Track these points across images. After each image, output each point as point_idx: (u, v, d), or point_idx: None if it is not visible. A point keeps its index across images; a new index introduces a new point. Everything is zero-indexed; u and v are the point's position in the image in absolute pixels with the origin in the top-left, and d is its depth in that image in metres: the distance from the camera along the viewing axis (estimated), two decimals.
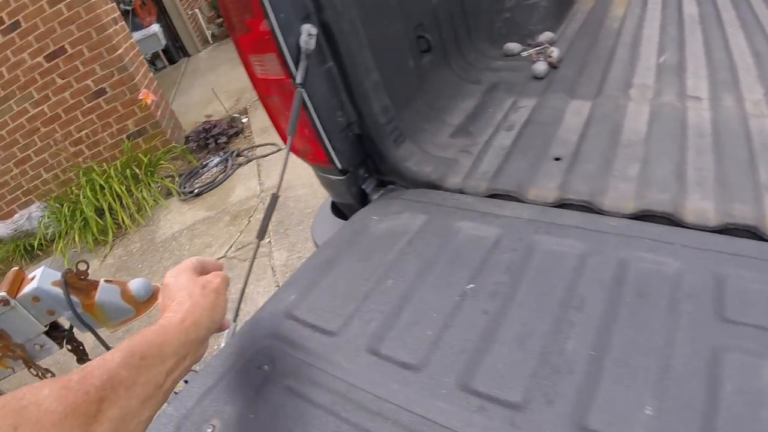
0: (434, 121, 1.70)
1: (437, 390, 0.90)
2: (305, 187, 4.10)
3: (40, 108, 4.98)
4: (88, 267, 1.38)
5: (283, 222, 3.82)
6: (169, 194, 4.90)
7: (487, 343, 0.96)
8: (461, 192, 1.42)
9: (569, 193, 1.30)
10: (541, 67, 1.92)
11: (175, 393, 1.02)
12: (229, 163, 4.96)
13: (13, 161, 5.14)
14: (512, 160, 1.48)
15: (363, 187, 1.52)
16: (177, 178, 5.00)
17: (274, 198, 1.16)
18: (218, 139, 5.28)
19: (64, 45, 4.80)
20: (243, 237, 3.91)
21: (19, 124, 5.00)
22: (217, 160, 5.07)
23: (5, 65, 4.75)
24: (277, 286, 3.21)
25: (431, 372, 0.93)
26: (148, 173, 4.87)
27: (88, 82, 4.99)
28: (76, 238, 4.54)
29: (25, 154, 5.13)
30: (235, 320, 1.11)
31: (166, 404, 0.92)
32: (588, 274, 1.05)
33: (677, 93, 1.67)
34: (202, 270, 0.99)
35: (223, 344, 1.09)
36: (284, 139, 1.50)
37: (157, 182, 4.89)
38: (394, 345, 1.00)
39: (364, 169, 1.51)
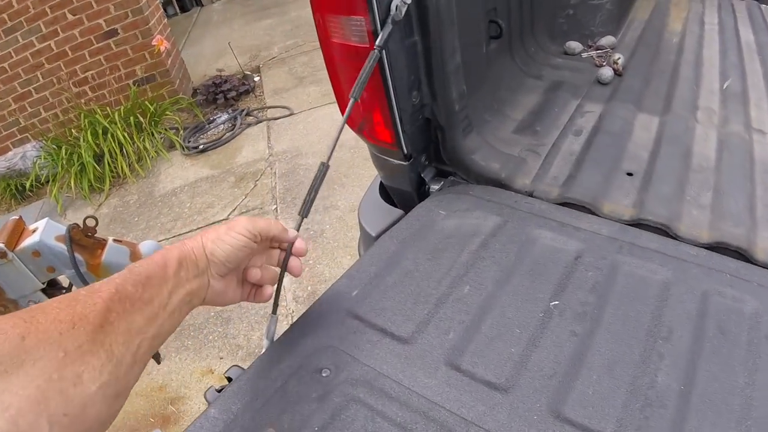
0: (496, 114, 1.61)
1: (529, 416, 0.83)
2: (316, 156, 4.01)
3: (47, 43, 4.79)
4: (96, 223, 1.28)
5: (291, 190, 3.72)
6: (171, 147, 4.76)
7: (577, 368, 0.90)
8: (531, 195, 1.35)
9: (647, 214, 1.25)
10: (607, 72, 1.84)
11: (217, 391, 0.93)
12: (238, 121, 4.81)
13: (12, 96, 4.94)
14: (584, 169, 1.41)
15: (422, 175, 1.42)
16: (181, 132, 4.84)
17: (324, 168, 1.03)
18: (228, 95, 5.12)
19: None
20: (248, 200, 3.79)
21: (23, 57, 4.80)
22: (225, 117, 4.92)
23: None
24: None
25: (520, 395, 0.86)
26: (153, 123, 4.71)
27: (100, 21, 4.80)
28: (72, 183, 4.38)
29: (25, 89, 4.94)
30: (274, 312, 0.99)
31: (206, 406, 0.88)
32: (673, 304, 1.01)
33: (743, 123, 1.65)
34: (257, 227, 0.89)
35: (265, 342, 0.98)
36: (349, 122, 1.40)
37: (161, 133, 4.74)
38: (475, 360, 0.92)
39: (425, 156, 1.42)
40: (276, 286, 0.97)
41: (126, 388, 0.66)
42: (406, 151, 1.33)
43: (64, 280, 1.36)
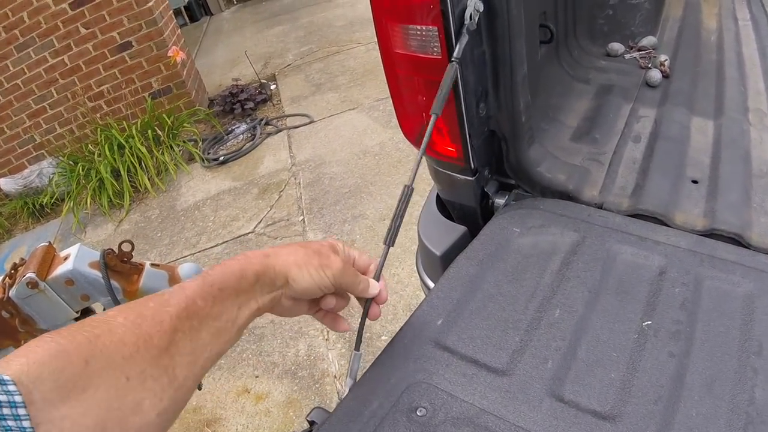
0: (552, 122, 1.57)
1: None
2: (340, 164, 3.97)
3: (60, 58, 4.77)
4: (132, 248, 1.23)
5: (318, 200, 3.68)
6: (191, 159, 4.73)
7: (679, 390, 0.86)
8: (600, 207, 1.30)
9: (719, 224, 1.22)
10: (655, 75, 1.80)
11: None
12: (258, 131, 4.78)
13: (27, 113, 4.92)
14: (650, 178, 1.37)
15: (486, 189, 1.38)
16: (200, 143, 4.81)
17: (408, 191, 0.97)
18: (245, 104, 5.08)
19: None
20: (273, 212, 3.75)
21: (37, 73, 4.78)
22: (243, 127, 4.89)
23: (27, 10, 4.52)
24: None
25: (629, 423, 0.82)
26: (171, 135, 4.68)
27: (114, 34, 4.79)
28: (88, 200, 4.35)
29: (40, 105, 4.92)
30: (357, 349, 0.93)
31: None
32: (760, 317, 0.97)
33: None
34: (347, 255, 0.88)
35: (349, 381, 0.92)
36: (408, 132, 1.36)
37: (180, 146, 4.71)
38: (578, 389, 0.88)
39: (488, 170, 1.38)
40: (360, 321, 0.92)
41: (180, 409, 0.63)
42: (473, 166, 1.29)
43: (97, 306, 1.32)
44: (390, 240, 0.94)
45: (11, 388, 0.46)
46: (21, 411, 0.46)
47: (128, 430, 0.55)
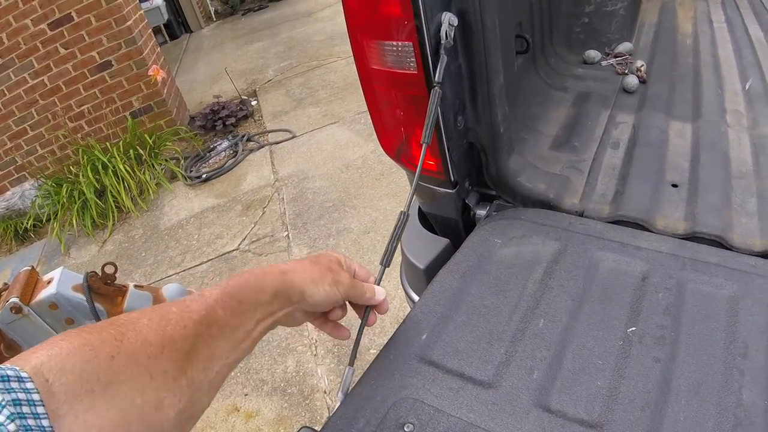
0: (531, 131, 1.58)
1: None
2: (323, 178, 3.96)
3: (40, 79, 4.74)
4: (116, 270, 1.23)
5: (302, 215, 3.68)
6: (173, 178, 4.71)
7: (666, 395, 0.86)
8: (581, 215, 1.31)
9: (700, 226, 1.23)
10: (632, 80, 1.82)
11: None
12: (240, 147, 4.77)
13: (8, 134, 4.87)
14: (629, 184, 1.38)
15: (467, 201, 1.38)
16: (182, 161, 4.79)
17: (404, 217, 1.00)
18: (226, 121, 5.08)
19: (70, 12, 4.58)
20: (257, 229, 3.74)
21: (17, 94, 4.75)
22: (225, 143, 4.88)
23: (5, 31, 4.50)
24: None
25: (616, 431, 0.82)
26: (153, 154, 4.66)
27: (94, 53, 4.77)
28: (74, 221, 4.31)
29: (20, 127, 4.87)
30: (351, 364, 0.94)
31: None
32: (744, 318, 0.98)
33: None
34: (348, 268, 0.91)
35: (340, 395, 0.92)
36: (387, 147, 1.36)
37: (162, 164, 4.68)
38: (564, 399, 0.88)
39: (468, 182, 1.38)
40: (356, 336, 0.94)
41: (199, 412, 0.65)
42: (453, 179, 1.29)
43: None
44: (386, 261, 0.96)
45: (29, 385, 0.47)
46: (40, 409, 0.47)
47: (150, 427, 0.56)
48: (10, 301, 1.12)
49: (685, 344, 0.94)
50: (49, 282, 1.19)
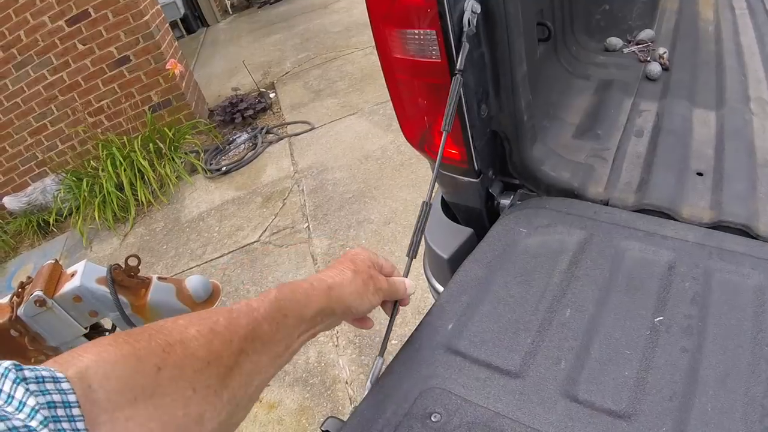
0: (554, 120, 1.57)
1: None
2: (342, 169, 3.97)
3: (59, 75, 4.79)
4: (139, 262, 1.23)
5: (322, 206, 3.68)
6: (194, 171, 4.73)
7: (693, 385, 0.86)
8: (606, 204, 1.30)
9: (726, 216, 1.21)
10: (655, 68, 1.79)
11: None
12: (259, 140, 4.78)
13: (28, 130, 4.93)
14: (654, 172, 1.37)
15: (490, 190, 1.38)
16: (202, 155, 4.82)
17: (427, 207, 1.00)
18: (245, 114, 5.09)
19: (87, 9, 4.60)
20: (278, 221, 3.75)
21: (36, 91, 4.80)
22: (245, 136, 4.89)
23: (24, 28, 4.54)
24: None
25: (645, 421, 0.82)
26: (172, 148, 4.69)
27: (111, 49, 4.80)
28: (96, 214, 4.35)
29: (40, 123, 4.93)
30: (382, 354, 0.94)
31: None
32: None
33: None
34: (377, 265, 0.93)
35: (369, 385, 0.93)
36: (410, 136, 1.36)
37: (182, 158, 4.71)
38: (592, 389, 0.88)
39: (491, 171, 1.37)
40: (387, 328, 0.95)
41: (236, 425, 0.65)
42: (477, 167, 1.29)
43: (106, 321, 1.31)
44: (413, 252, 0.98)
45: (65, 386, 0.46)
46: (75, 411, 0.46)
47: None
48: (34, 294, 1.13)
49: (712, 334, 0.93)
50: (72, 275, 1.20)
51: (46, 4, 4.48)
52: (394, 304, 0.94)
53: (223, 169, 4.56)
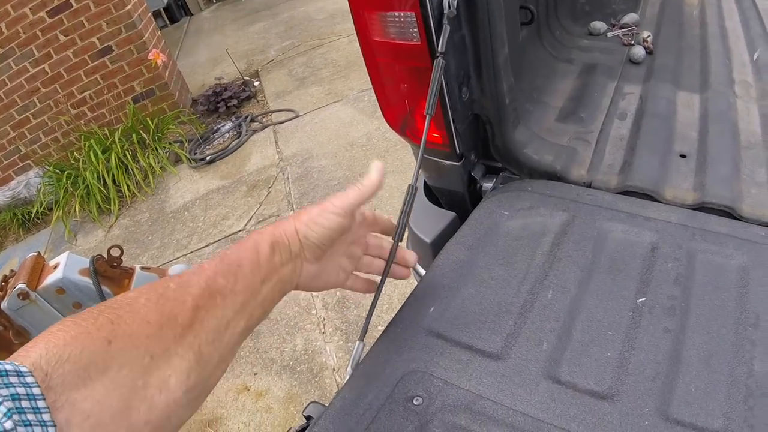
0: (537, 103, 1.56)
1: (640, 422, 0.79)
2: (328, 157, 3.95)
3: (41, 67, 4.72)
4: (121, 252, 1.23)
5: (307, 194, 3.67)
6: (178, 161, 4.70)
7: (676, 365, 0.86)
8: (589, 186, 1.30)
9: (709, 197, 1.21)
10: (639, 51, 1.79)
11: None
12: (243, 128, 4.75)
13: (10, 124, 4.86)
14: (637, 154, 1.37)
15: (473, 173, 1.37)
16: (186, 144, 4.78)
17: (413, 190, 0.99)
18: (229, 102, 5.05)
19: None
20: (263, 209, 3.74)
21: (18, 83, 4.73)
22: (229, 125, 4.86)
23: (4, 20, 4.46)
24: None
25: (627, 401, 0.82)
26: (156, 138, 4.64)
27: (93, 39, 4.73)
28: (77, 208, 4.31)
29: (23, 116, 4.86)
30: (362, 339, 0.93)
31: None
32: (754, 288, 0.97)
33: None
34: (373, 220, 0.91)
35: (349, 370, 0.92)
36: (391, 121, 1.35)
37: (165, 148, 4.67)
38: (574, 369, 0.87)
39: (474, 154, 1.37)
40: (369, 311, 0.93)
41: (210, 387, 0.63)
42: (459, 151, 1.28)
43: None
44: (398, 236, 0.95)
45: (29, 380, 0.46)
46: (41, 403, 0.45)
47: (155, 408, 0.54)
48: (17, 287, 1.12)
49: (695, 315, 0.93)
50: (55, 267, 1.19)
51: None
52: (384, 267, 0.92)
53: (208, 158, 4.52)
